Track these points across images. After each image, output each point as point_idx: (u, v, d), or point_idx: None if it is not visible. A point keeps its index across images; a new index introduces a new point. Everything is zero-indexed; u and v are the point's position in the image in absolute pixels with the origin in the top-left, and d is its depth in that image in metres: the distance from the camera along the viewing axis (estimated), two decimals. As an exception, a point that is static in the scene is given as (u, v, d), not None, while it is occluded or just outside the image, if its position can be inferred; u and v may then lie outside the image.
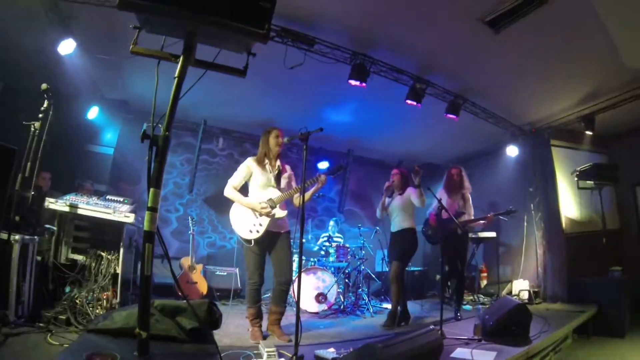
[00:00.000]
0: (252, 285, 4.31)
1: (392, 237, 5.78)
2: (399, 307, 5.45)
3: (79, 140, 7.18)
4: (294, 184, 4.62)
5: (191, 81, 2.54)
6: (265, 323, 4.42)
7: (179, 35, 2.51)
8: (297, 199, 4.50)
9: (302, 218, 3.42)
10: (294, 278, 4.91)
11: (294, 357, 3.07)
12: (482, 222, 6.20)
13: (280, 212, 4.37)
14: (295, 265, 6.92)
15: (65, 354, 1.83)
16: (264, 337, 4.20)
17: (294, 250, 7.23)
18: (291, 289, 6.29)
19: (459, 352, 3.87)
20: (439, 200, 5.07)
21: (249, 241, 4.24)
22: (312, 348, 3.63)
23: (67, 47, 5.25)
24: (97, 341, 1.98)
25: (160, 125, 2.35)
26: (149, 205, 2.19)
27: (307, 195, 4.40)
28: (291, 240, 4.52)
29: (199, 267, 6.88)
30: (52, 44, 5.19)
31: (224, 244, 8.64)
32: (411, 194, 5.58)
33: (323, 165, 9.55)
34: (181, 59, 2.43)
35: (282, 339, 4.15)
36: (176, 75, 2.41)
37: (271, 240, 4.34)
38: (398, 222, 5.70)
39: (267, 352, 3.33)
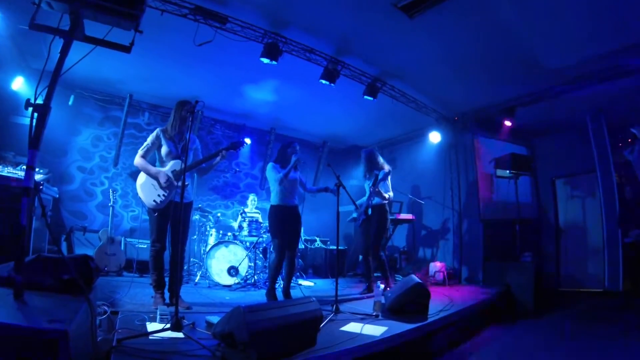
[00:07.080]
0: (154, 252, 4.38)
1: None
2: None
3: (1, 111, 6.89)
4: (201, 156, 4.71)
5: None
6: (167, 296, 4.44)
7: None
8: (200, 171, 4.78)
9: (182, 188, 3.48)
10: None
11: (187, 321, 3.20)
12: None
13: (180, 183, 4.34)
14: (213, 239, 7.01)
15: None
16: (167, 305, 4.20)
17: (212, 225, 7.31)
18: (206, 263, 6.41)
19: (350, 326, 3.84)
20: (338, 177, 4.96)
21: (153, 210, 4.34)
22: (205, 315, 3.69)
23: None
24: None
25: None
26: (28, 164, 2.34)
27: (210, 167, 4.73)
28: (192, 211, 4.59)
29: (119, 239, 6.94)
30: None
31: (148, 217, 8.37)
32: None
33: (246, 141, 9.41)
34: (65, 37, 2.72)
35: (181, 306, 4.14)
36: (59, 51, 2.67)
37: (173, 209, 4.34)
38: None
39: (161, 315, 3.51)
